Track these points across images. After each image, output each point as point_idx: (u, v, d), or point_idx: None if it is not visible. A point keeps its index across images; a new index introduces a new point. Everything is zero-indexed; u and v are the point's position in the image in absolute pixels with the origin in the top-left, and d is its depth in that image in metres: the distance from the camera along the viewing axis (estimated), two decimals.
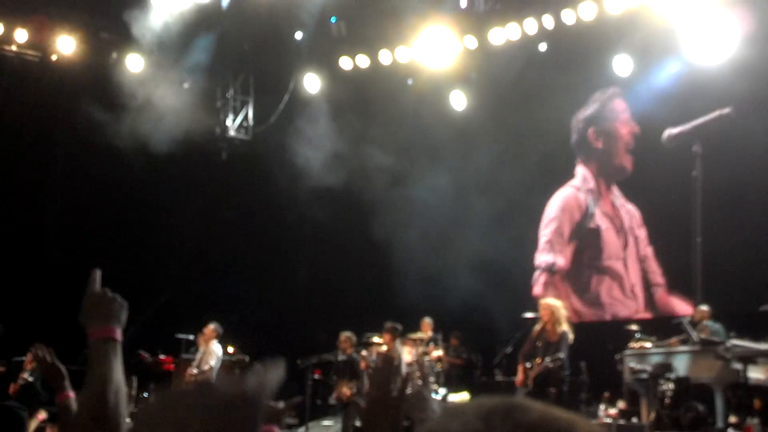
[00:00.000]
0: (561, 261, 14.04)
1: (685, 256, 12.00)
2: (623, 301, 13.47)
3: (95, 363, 1.82)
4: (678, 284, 12.74)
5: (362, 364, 11.22)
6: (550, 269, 14.11)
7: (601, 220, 13.75)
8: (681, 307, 12.45)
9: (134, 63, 14.24)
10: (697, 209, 11.97)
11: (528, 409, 0.74)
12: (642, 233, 13.37)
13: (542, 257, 14.28)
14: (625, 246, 13.49)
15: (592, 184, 13.92)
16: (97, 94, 13.65)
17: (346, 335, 11.58)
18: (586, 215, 13.87)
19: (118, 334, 1.89)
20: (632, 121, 13.40)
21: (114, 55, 14.44)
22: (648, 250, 13.25)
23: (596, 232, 13.71)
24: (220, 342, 11.84)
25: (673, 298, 12.88)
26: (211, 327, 11.67)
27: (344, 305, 14.60)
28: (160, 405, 0.83)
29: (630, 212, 13.54)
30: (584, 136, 14.00)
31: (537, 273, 14.31)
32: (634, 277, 13.39)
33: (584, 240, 13.90)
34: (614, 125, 13.65)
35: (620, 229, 13.57)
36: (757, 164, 11.46)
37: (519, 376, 9.55)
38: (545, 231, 14.29)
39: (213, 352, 11.60)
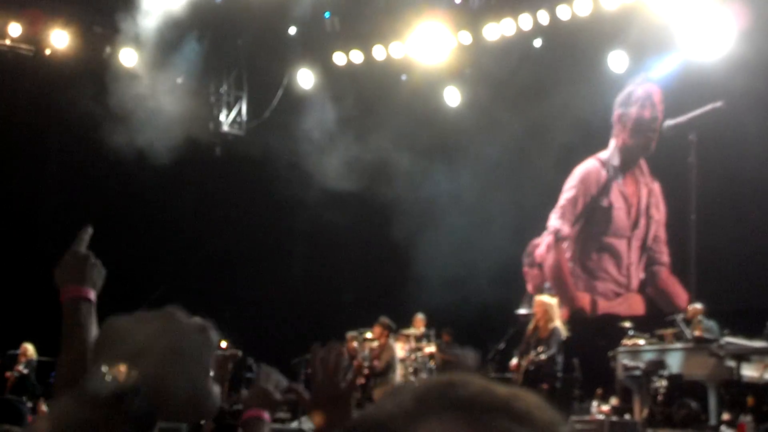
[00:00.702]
0: (566, 229, 14.30)
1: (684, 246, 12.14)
2: (616, 278, 13.73)
3: (72, 324, 1.75)
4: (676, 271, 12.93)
5: (356, 362, 11.20)
6: (556, 234, 14.39)
7: (615, 199, 13.88)
8: (680, 292, 12.64)
9: (128, 57, 14.19)
10: (692, 195, 12.06)
11: (465, 385, 0.71)
12: (659, 214, 13.46)
13: (553, 221, 14.56)
14: (634, 226, 13.65)
15: (617, 160, 13.98)
16: (91, 88, 13.59)
17: (351, 335, 11.64)
18: (602, 191, 14.05)
19: (93, 296, 1.81)
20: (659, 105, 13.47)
21: (108, 49, 14.40)
22: (661, 232, 13.37)
23: (608, 211, 13.91)
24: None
25: (674, 280, 13.02)
26: None
27: (337, 300, 14.58)
28: (126, 325, 0.86)
29: (652, 191, 13.60)
30: (618, 114, 14.05)
31: (545, 233, 14.56)
32: (633, 257, 13.56)
33: (594, 215, 14.14)
34: (640, 107, 13.72)
35: (633, 210, 13.69)
36: (750, 153, 11.56)
37: (514, 372, 9.55)
38: (563, 196, 14.53)
39: None
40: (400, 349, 11.52)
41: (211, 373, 0.89)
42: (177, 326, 0.88)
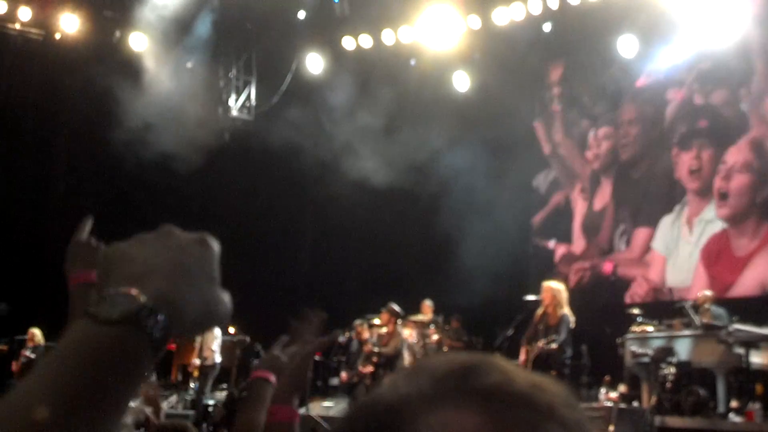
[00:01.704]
0: None
1: None
2: None
3: (80, 308, 1.78)
4: None
5: (366, 347, 11.23)
6: None
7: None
8: None
9: (137, 42, 14.16)
10: None
11: (488, 372, 0.67)
12: None
13: None
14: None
15: None
16: (101, 72, 13.58)
17: (357, 322, 11.66)
18: None
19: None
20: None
21: (117, 33, 14.35)
22: None
23: None
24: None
25: None
26: None
27: (345, 286, 14.59)
28: (127, 249, 0.87)
29: None
30: None
31: None
32: None
33: None
34: None
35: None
36: None
37: (521, 358, 9.53)
38: None
39: (211, 335, 11.49)
40: (408, 336, 11.54)
41: (218, 281, 0.88)
42: (176, 241, 0.87)
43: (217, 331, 11.65)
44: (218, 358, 11.51)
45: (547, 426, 0.65)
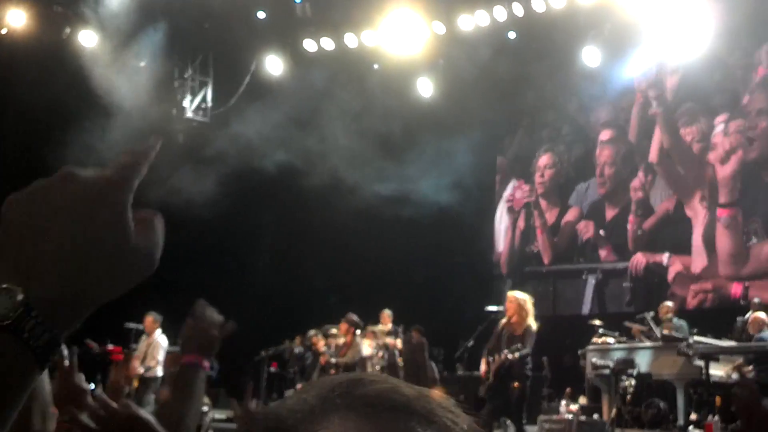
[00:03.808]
0: None
1: None
2: None
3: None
4: None
5: (323, 359, 10.93)
6: None
7: None
8: None
9: (88, 39, 13.71)
10: None
11: (372, 383, 0.69)
12: None
13: None
14: None
15: None
16: (49, 70, 13.09)
17: (312, 332, 11.38)
18: None
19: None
20: None
21: (67, 30, 13.90)
22: None
23: None
24: (165, 332, 11.22)
25: None
26: (150, 318, 10.94)
27: (302, 296, 14.29)
28: (29, 196, 0.76)
29: None
30: None
31: None
32: None
33: None
34: None
35: None
36: None
37: (482, 369, 9.36)
38: None
39: (158, 344, 10.94)
40: (367, 346, 11.29)
41: (131, 233, 0.74)
42: (77, 195, 0.74)
43: (163, 340, 11.15)
44: (160, 371, 10.94)
45: (428, 429, 0.67)
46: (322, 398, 0.69)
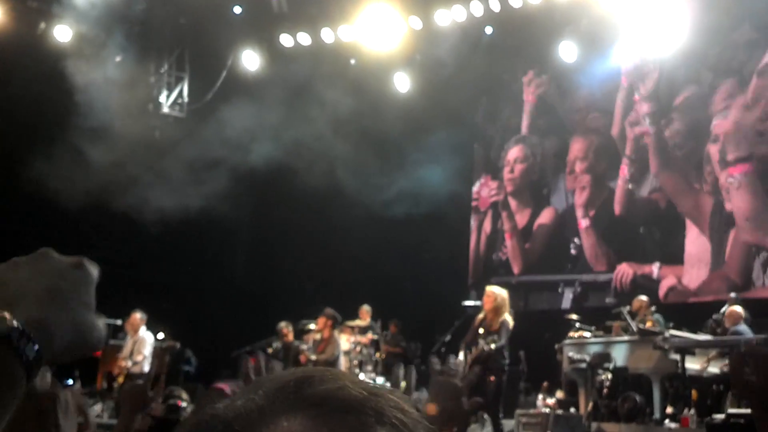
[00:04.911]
0: None
1: None
2: None
3: None
4: None
5: (302, 357, 10.89)
6: None
7: None
8: None
9: (63, 34, 13.53)
10: None
11: (321, 381, 0.68)
12: None
13: None
14: None
15: None
16: (23, 65, 12.91)
17: (283, 324, 11.33)
18: None
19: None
20: None
21: (42, 24, 13.70)
22: None
23: None
24: (149, 328, 11.34)
25: None
26: (137, 315, 11.14)
27: (280, 292, 14.25)
28: (12, 264, 0.87)
29: None
30: None
31: None
32: None
33: None
34: None
35: None
36: None
37: (459, 359, 9.39)
38: None
39: (144, 340, 11.09)
40: (345, 341, 11.28)
41: (93, 306, 0.88)
42: (52, 265, 0.87)
43: (148, 336, 11.20)
44: (146, 367, 10.99)
45: (378, 429, 0.66)
46: (270, 398, 0.68)
